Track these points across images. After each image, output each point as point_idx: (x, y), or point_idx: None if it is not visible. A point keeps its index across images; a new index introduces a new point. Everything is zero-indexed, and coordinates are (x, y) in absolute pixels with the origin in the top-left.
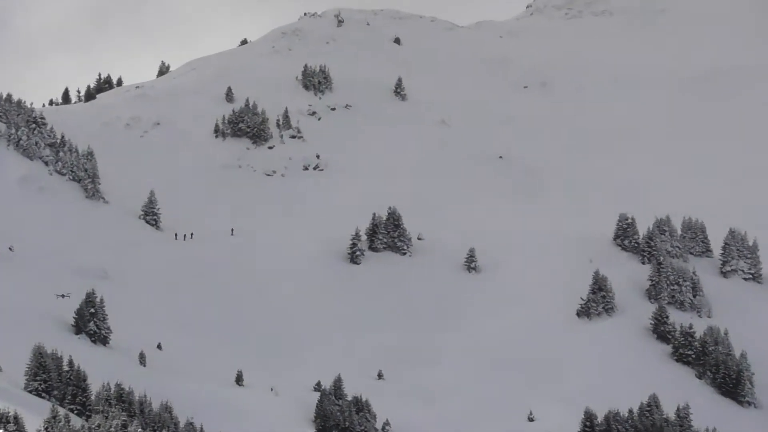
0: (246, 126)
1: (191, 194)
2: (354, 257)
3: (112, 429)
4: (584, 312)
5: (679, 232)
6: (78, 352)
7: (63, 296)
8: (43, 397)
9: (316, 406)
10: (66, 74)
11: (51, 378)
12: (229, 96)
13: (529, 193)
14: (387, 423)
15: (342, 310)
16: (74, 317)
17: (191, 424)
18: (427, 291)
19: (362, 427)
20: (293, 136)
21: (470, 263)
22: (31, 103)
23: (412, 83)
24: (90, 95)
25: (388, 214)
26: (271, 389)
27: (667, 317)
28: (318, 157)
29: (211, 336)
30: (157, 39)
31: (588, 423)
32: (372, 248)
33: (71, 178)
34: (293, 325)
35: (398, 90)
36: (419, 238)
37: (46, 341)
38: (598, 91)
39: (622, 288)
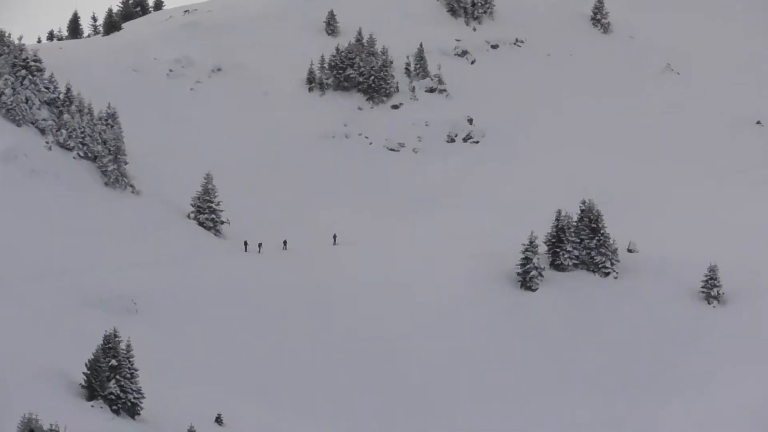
0: (358, 73)
1: (271, 181)
2: (528, 280)
3: None
4: None
5: None
6: (92, 427)
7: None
8: None
9: None
10: None
11: None
12: (332, 26)
13: None
14: None
15: (508, 365)
16: (86, 374)
17: None
18: (642, 334)
19: None
20: (432, 89)
21: (711, 289)
22: (20, 38)
23: (619, 7)
24: (112, 24)
25: (582, 211)
26: None
27: None
28: (470, 122)
29: (301, 405)
30: None
31: None
32: (556, 265)
33: (82, 154)
34: (431, 388)
35: (597, 17)
36: (630, 250)
37: (42, 410)
38: None
39: None
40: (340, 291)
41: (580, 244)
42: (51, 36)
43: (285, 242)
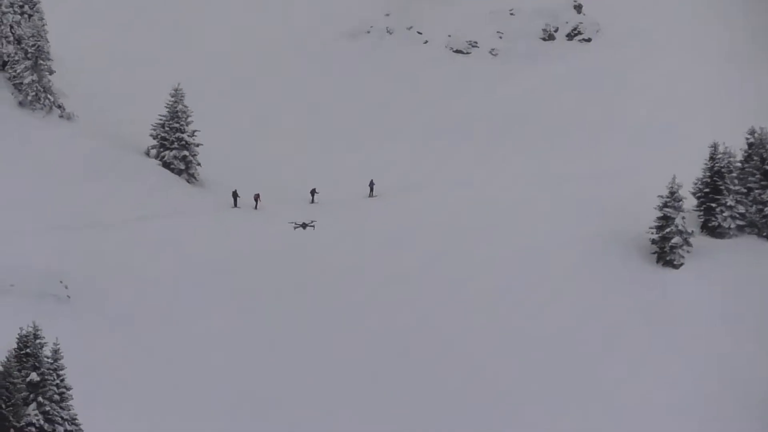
0: None
1: (273, 100)
2: (668, 251)
3: None
4: None
5: None
6: None
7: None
8: None
9: None
10: None
11: None
12: None
13: None
14: None
15: (639, 381)
16: None
17: None
18: None
19: None
20: None
21: None
22: None
23: None
24: None
25: (750, 146)
26: None
27: None
28: (579, 9)
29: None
30: None
31: None
32: (710, 228)
33: None
34: (517, 412)
35: None
36: None
37: None
38: None
39: None
40: (375, 266)
41: (747, 196)
42: None
43: (313, 192)
